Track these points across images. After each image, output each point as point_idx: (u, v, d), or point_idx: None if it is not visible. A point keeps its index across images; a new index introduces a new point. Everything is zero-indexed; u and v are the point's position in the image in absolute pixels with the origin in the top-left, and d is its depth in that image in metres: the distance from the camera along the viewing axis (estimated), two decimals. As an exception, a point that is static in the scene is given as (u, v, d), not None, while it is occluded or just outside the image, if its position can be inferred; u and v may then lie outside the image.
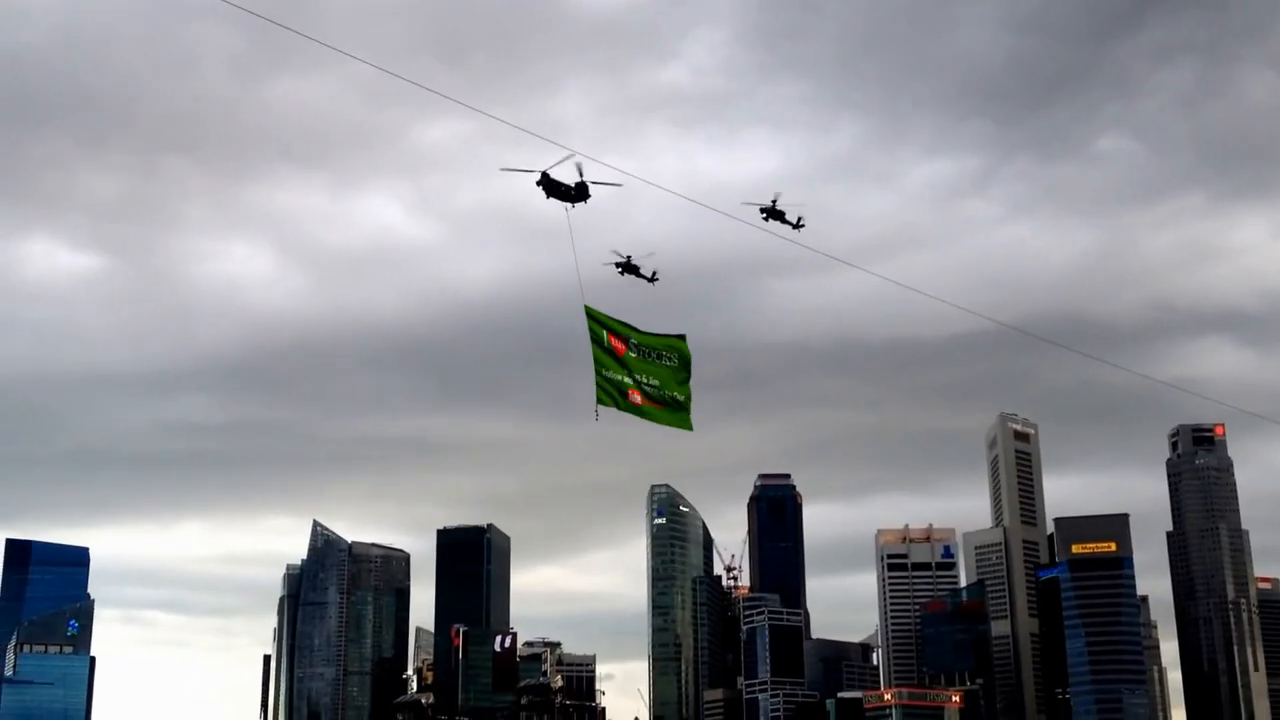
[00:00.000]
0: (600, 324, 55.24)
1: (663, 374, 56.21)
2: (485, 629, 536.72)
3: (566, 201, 70.80)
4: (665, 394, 56.30)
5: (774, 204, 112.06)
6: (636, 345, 55.80)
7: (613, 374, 55.04)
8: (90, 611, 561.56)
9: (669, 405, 56.35)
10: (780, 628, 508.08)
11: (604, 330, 55.22)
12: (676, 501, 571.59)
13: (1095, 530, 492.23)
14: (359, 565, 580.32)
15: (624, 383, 55.24)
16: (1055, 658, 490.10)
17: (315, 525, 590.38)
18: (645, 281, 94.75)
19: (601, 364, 54.85)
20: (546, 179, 70.39)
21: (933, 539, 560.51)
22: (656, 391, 55.96)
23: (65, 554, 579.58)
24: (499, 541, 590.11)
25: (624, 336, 55.51)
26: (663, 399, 56.21)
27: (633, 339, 55.72)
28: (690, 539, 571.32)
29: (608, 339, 55.21)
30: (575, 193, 71.14)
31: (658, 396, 56.01)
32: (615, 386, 55.07)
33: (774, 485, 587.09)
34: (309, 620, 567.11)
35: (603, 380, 54.83)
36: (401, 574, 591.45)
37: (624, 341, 55.46)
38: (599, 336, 55.04)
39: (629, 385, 55.33)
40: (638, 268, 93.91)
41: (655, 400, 55.94)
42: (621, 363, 55.25)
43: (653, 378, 55.90)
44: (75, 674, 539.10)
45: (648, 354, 56.02)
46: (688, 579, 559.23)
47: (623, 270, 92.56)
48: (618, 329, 55.49)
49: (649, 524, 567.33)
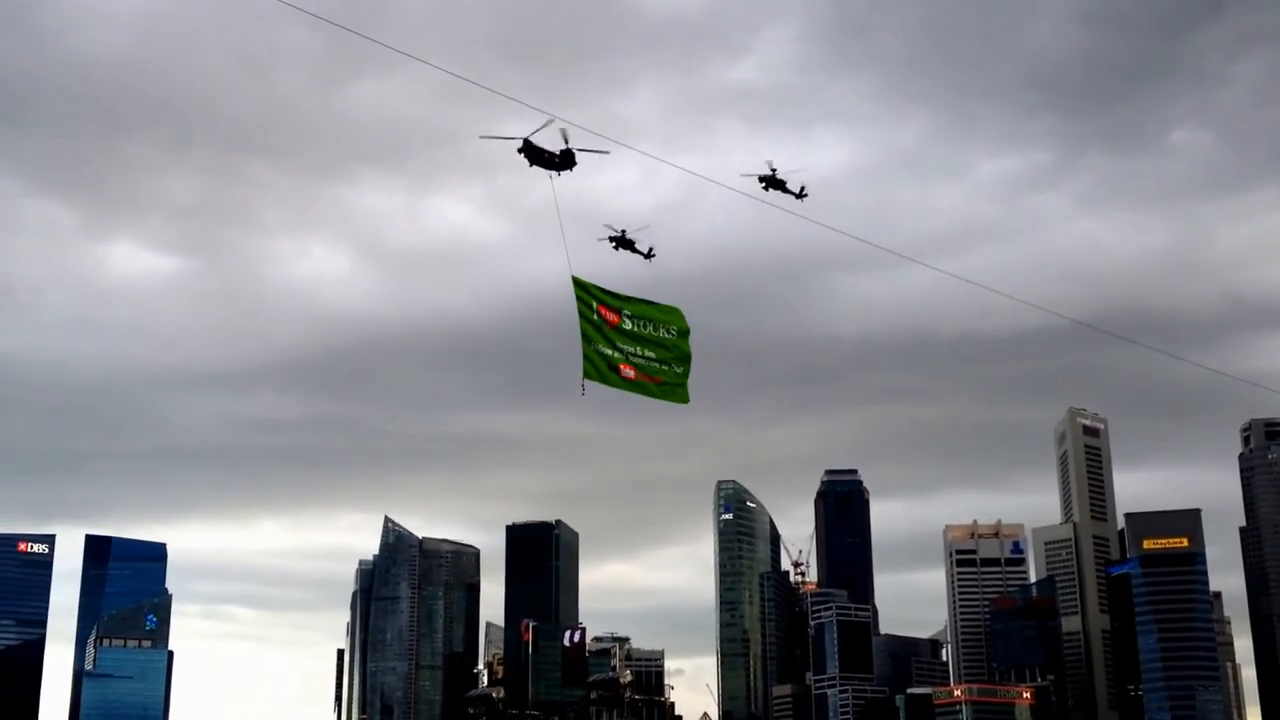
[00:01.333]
0: (589, 294, 52.40)
1: (658, 347, 53.23)
2: (554, 624, 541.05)
3: (551, 170, 67.55)
4: (661, 367, 53.30)
5: (774, 173, 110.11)
6: (630, 316, 52.88)
7: (603, 347, 52.14)
8: (168, 606, 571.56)
9: (666, 379, 53.37)
10: (848, 623, 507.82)
11: (593, 301, 52.36)
12: (743, 497, 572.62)
13: (1167, 526, 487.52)
14: (430, 561, 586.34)
15: (615, 356, 52.33)
16: (1127, 654, 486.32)
17: (387, 521, 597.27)
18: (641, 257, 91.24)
19: (590, 337, 52.03)
20: (529, 146, 67.24)
21: (1002, 535, 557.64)
22: (651, 365, 53.02)
23: (143, 549, 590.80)
24: (567, 537, 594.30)
25: (616, 308, 52.66)
26: (658, 372, 53.23)
27: (626, 310, 52.83)
28: (757, 534, 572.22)
29: (598, 310, 52.33)
30: (560, 160, 67.96)
31: (653, 370, 53.06)
32: (605, 360, 52.20)
33: (841, 481, 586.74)
34: (381, 615, 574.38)
35: (592, 354, 51.94)
36: (472, 569, 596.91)
37: (616, 313, 52.62)
38: (588, 307, 52.13)
39: (620, 359, 52.40)
40: (633, 242, 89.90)
41: (650, 374, 53.00)
42: (613, 335, 52.33)
43: (647, 350, 53.00)
44: (154, 668, 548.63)
45: (643, 325, 53.00)
46: (755, 574, 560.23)
47: (617, 245, 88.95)
48: (608, 301, 52.63)
49: (716, 520, 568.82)
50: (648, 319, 52.95)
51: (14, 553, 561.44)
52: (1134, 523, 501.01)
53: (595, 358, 51.87)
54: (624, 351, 52.27)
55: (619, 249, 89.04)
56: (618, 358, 52.14)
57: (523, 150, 67.33)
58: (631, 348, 52.41)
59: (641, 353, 52.61)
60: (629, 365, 52.38)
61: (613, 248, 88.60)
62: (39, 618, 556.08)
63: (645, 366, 52.69)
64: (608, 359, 52.02)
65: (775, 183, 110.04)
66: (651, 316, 53.10)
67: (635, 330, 52.59)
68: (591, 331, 51.81)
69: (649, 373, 52.79)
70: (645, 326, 52.84)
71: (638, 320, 52.74)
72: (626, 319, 52.50)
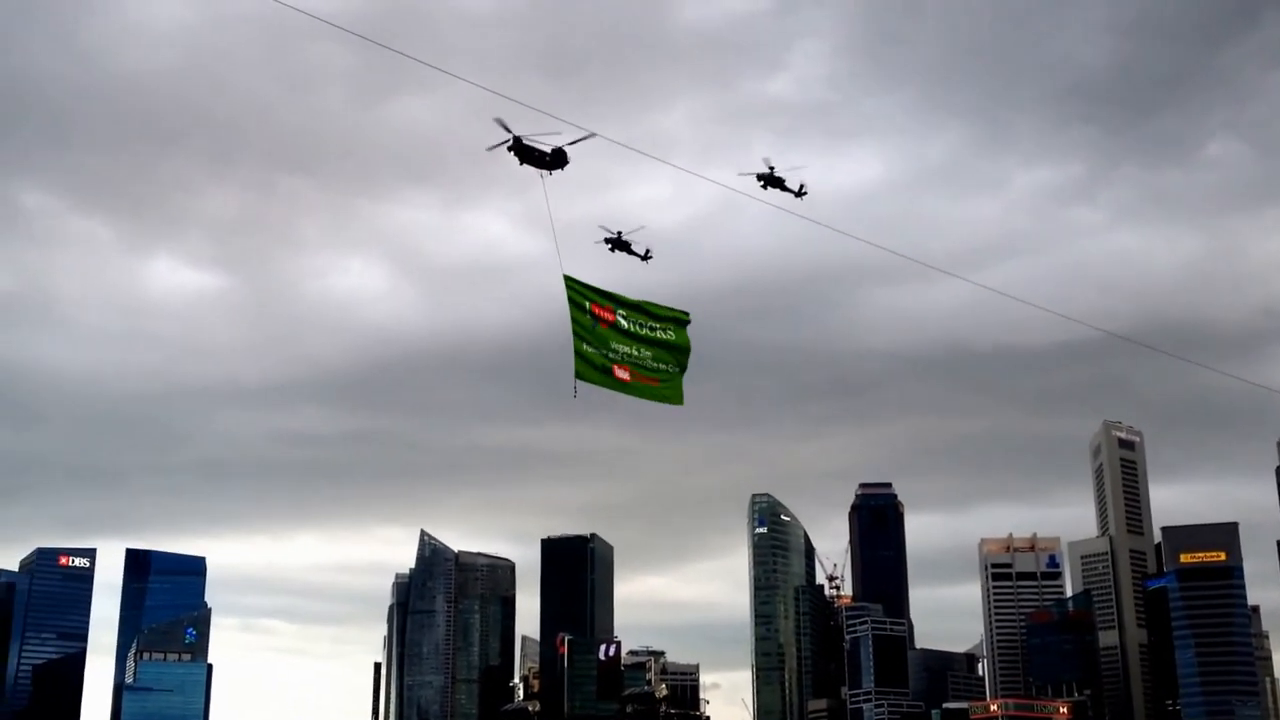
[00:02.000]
0: (582, 294, 49.93)
1: (655, 346, 51.01)
2: (590, 638, 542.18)
3: (542, 169, 65.96)
4: (659, 368, 51.07)
5: (772, 171, 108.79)
6: (626, 315, 50.67)
7: (596, 347, 49.75)
8: (207, 620, 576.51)
9: (663, 380, 51.21)
10: (884, 637, 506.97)
11: (586, 301, 49.92)
12: (778, 510, 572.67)
13: (1204, 539, 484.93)
14: (465, 574, 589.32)
15: (609, 357, 49.92)
16: (1165, 669, 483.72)
17: (422, 535, 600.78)
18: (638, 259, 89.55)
19: (583, 337, 49.54)
20: (519, 144, 66.07)
21: (1037, 548, 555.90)
22: (648, 366, 50.76)
23: (182, 563, 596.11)
24: (602, 551, 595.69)
25: (610, 307, 50.39)
26: (655, 373, 50.97)
27: (620, 310, 50.56)
28: (792, 548, 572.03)
29: (591, 309, 49.92)
30: (551, 159, 66.57)
31: (649, 371, 50.79)
32: (599, 361, 49.78)
33: (875, 494, 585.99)
34: (417, 628, 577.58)
35: (585, 353, 49.45)
36: (507, 583, 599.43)
37: (611, 312, 50.31)
38: (580, 307, 49.74)
39: (615, 360, 50.02)
40: (629, 244, 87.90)
41: (646, 375, 50.69)
42: (607, 335, 50.02)
43: (644, 349, 50.71)
44: (193, 681, 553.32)
45: (639, 324, 50.86)
46: (790, 588, 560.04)
47: (613, 247, 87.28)
48: (602, 300, 50.32)
49: (750, 533, 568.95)
50: (644, 318, 50.98)
51: (55, 566, 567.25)
52: (1171, 536, 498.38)
53: (589, 357, 49.50)
54: (619, 352, 50.14)
55: (615, 250, 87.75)
56: (613, 358, 49.89)
57: (513, 148, 66.11)
58: (627, 348, 50.32)
59: (638, 353, 50.50)
60: (624, 366, 50.12)
61: (608, 249, 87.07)
62: (80, 631, 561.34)
63: (641, 368, 50.54)
64: (601, 360, 49.70)
65: (773, 180, 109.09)
66: (648, 315, 51.15)
67: (631, 329, 50.57)
68: (584, 331, 49.54)
69: (645, 374, 50.66)
70: (642, 326, 50.84)
71: (633, 319, 50.74)
72: (621, 318, 50.46)
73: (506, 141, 66.32)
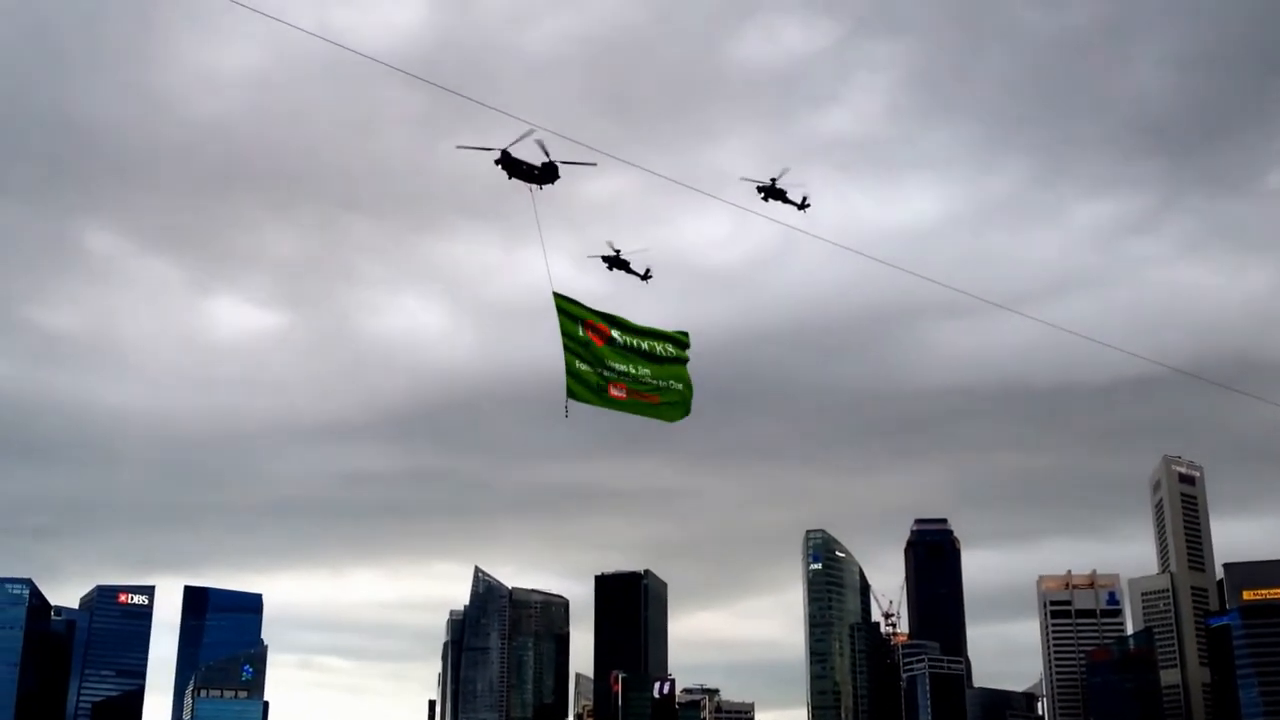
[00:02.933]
0: (574, 312, 48.31)
1: (652, 363, 48.99)
2: (644, 675, 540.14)
3: (532, 183, 64.23)
4: (658, 384, 48.94)
5: (773, 182, 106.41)
6: (621, 332, 48.77)
7: (590, 365, 47.94)
8: (264, 657, 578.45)
9: (664, 397, 49.16)
10: (941, 676, 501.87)
11: (579, 319, 48.20)
12: (832, 547, 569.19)
13: (1268, 576, 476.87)
14: (519, 611, 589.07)
15: (604, 375, 48.11)
16: (1228, 708, 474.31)
17: (477, 571, 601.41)
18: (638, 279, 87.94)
19: (576, 355, 47.81)
20: (507, 158, 64.41)
21: (1097, 585, 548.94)
22: (645, 383, 48.72)
23: (240, 600, 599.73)
24: (656, 587, 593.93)
25: (604, 325, 48.65)
26: (654, 390, 48.90)
27: (615, 329, 48.71)
28: (847, 585, 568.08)
29: (583, 329, 48.10)
30: (541, 173, 64.67)
31: (647, 388, 48.77)
32: (592, 380, 47.93)
33: (931, 530, 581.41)
34: (472, 666, 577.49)
35: (577, 373, 47.63)
36: (561, 620, 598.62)
37: (605, 329, 48.53)
38: (573, 325, 48.02)
39: (611, 378, 48.17)
40: (627, 263, 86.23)
41: (644, 392, 48.73)
42: (601, 353, 48.23)
43: (641, 367, 48.68)
44: (250, 718, 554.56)
45: (635, 340, 48.94)
46: (845, 625, 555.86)
47: (611, 265, 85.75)
48: (596, 317, 48.53)
49: (805, 570, 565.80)
50: (641, 337, 49.07)
51: (115, 604, 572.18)
52: (1233, 573, 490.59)
53: (582, 376, 47.69)
54: (615, 370, 48.27)
55: (613, 269, 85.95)
56: (608, 376, 48.07)
57: (500, 162, 64.75)
58: (623, 365, 48.43)
59: (635, 370, 48.55)
60: (620, 384, 48.27)
61: (606, 268, 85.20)
62: (138, 668, 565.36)
63: (638, 385, 48.55)
64: (596, 378, 47.89)
65: (775, 193, 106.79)
66: (646, 334, 49.28)
67: (627, 344, 48.66)
68: (577, 349, 47.78)
69: (643, 391, 48.70)
70: (640, 344, 48.92)
71: (629, 337, 48.76)
72: (617, 335, 48.51)
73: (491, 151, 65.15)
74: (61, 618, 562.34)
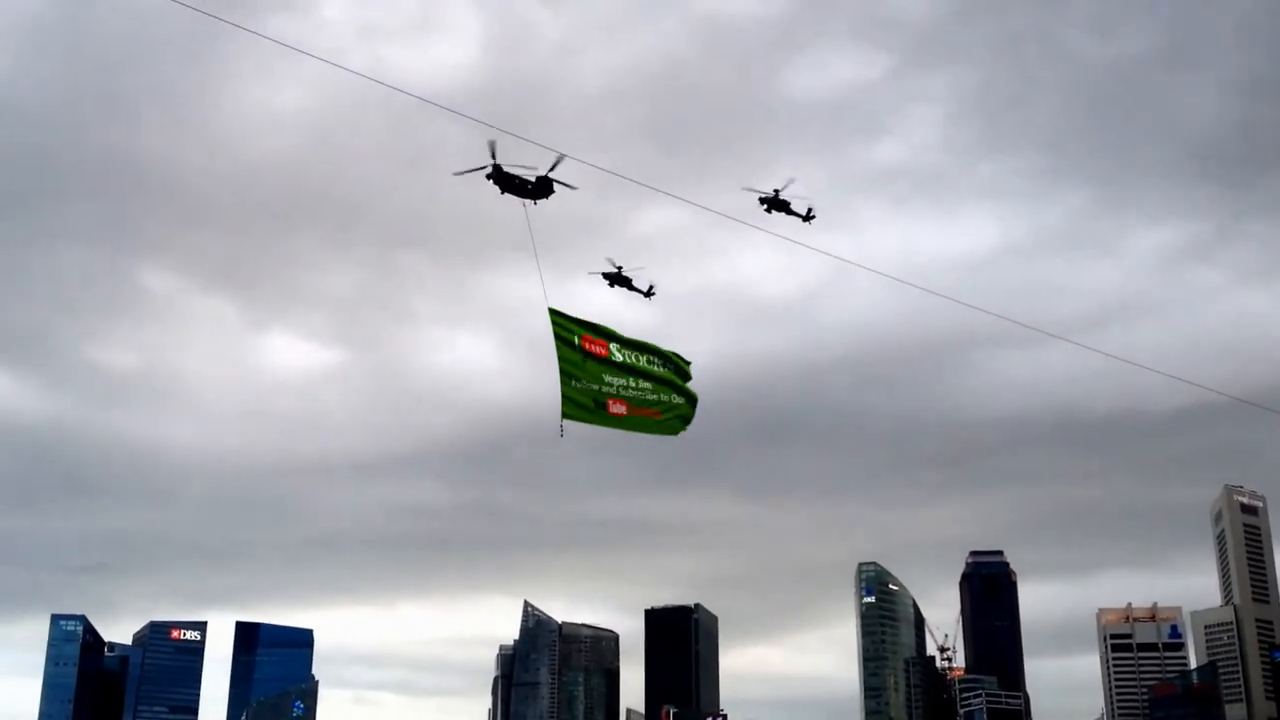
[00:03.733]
0: (570, 328, 47.20)
1: (652, 378, 47.86)
2: (695, 710, 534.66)
3: (525, 198, 62.64)
4: (660, 399, 47.85)
5: (777, 194, 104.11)
6: (620, 348, 47.69)
7: (587, 383, 46.71)
8: (314, 693, 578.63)
9: (665, 412, 48.02)
10: (999, 711, 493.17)
11: (576, 335, 47.07)
12: (885, 580, 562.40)
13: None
14: (569, 646, 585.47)
15: (602, 391, 46.89)
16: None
17: (526, 606, 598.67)
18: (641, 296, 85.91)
19: (571, 373, 46.64)
20: (498, 172, 63.15)
21: (1158, 618, 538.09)
22: (646, 398, 47.60)
23: (291, 636, 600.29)
24: (706, 621, 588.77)
25: (603, 340, 47.54)
26: (655, 405, 47.77)
27: (614, 344, 47.67)
28: (901, 618, 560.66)
29: (581, 342, 47.00)
30: (534, 188, 63.19)
31: (648, 403, 47.63)
32: (590, 397, 46.77)
33: (986, 562, 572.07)
34: (522, 701, 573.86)
35: (572, 392, 46.39)
36: (611, 655, 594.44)
37: (604, 345, 47.43)
38: (569, 341, 46.97)
39: (609, 394, 46.98)
40: (629, 280, 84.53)
41: (645, 407, 47.60)
42: (599, 369, 47.10)
43: (641, 381, 47.60)
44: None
45: (635, 356, 47.86)
46: (900, 659, 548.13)
47: (611, 282, 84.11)
48: (594, 334, 47.46)
49: (858, 603, 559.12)
50: (641, 352, 48.01)
51: (167, 640, 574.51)
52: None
53: (576, 396, 46.52)
54: (614, 385, 47.11)
55: (613, 285, 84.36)
56: (606, 392, 46.93)
57: (491, 177, 63.39)
58: (622, 380, 47.31)
59: (635, 384, 47.46)
60: (619, 400, 47.17)
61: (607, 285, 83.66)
62: (191, 704, 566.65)
63: (639, 400, 47.47)
64: (592, 395, 46.78)
65: (778, 204, 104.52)
66: (646, 350, 48.23)
67: (626, 361, 47.59)
68: (573, 368, 46.73)
69: (643, 406, 47.60)
70: (638, 358, 47.81)
71: (629, 352, 47.75)
72: (615, 350, 47.49)
73: (484, 169, 63.57)
74: (115, 654, 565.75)
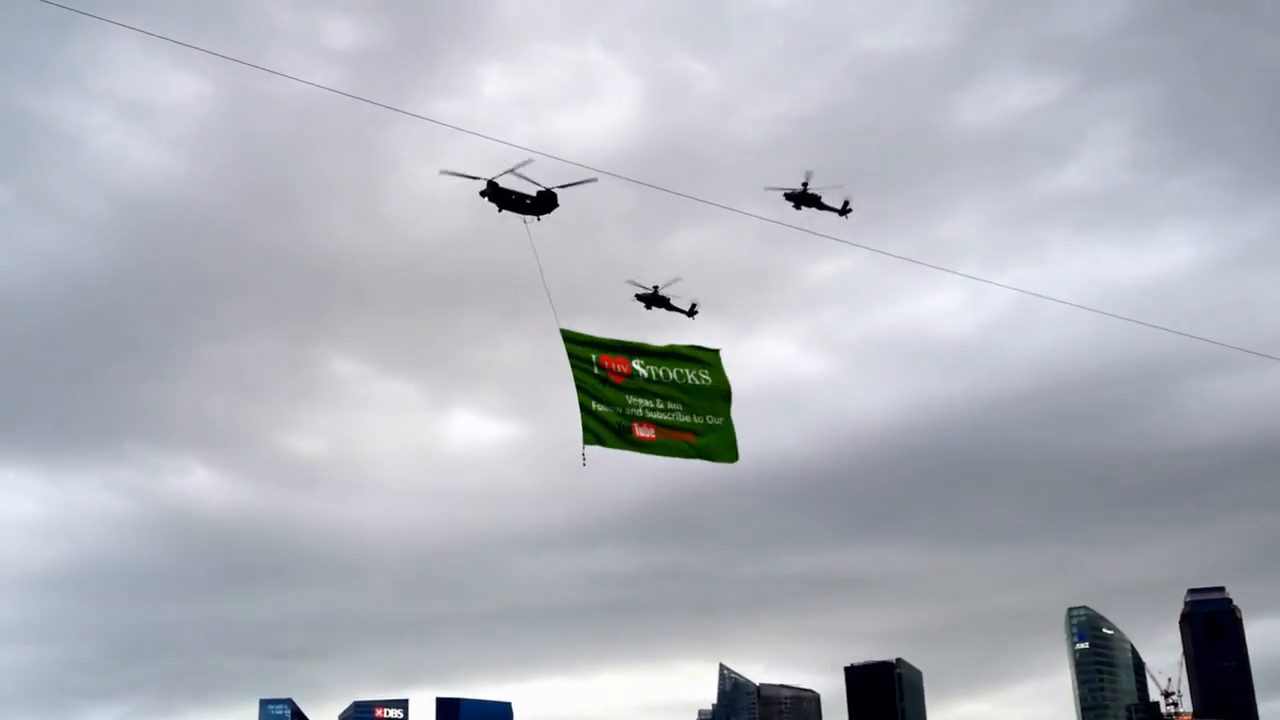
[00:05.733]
0: (586, 348, 43.09)
1: (684, 393, 43.02)
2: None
3: (526, 214, 59.94)
4: (693, 420, 42.97)
5: (804, 187, 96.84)
6: (645, 363, 42.94)
7: (609, 406, 42.24)
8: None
9: (699, 432, 43.00)
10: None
11: (594, 354, 42.89)
12: (1098, 624, 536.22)
13: None
14: (769, 707, 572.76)
15: (626, 414, 42.26)
16: None
17: (722, 668, 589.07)
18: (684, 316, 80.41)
19: (591, 397, 42.36)
20: (494, 189, 59.59)
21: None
22: (677, 419, 42.63)
23: (490, 709, 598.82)
24: (910, 676, 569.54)
25: (624, 356, 42.98)
26: (689, 427, 42.83)
27: (637, 359, 42.93)
28: (1118, 663, 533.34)
29: (599, 362, 42.68)
30: (535, 203, 60.22)
31: (680, 424, 42.64)
32: (613, 421, 42.19)
33: (1207, 600, 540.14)
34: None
35: (590, 419, 42.05)
36: (813, 714, 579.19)
37: (625, 361, 42.85)
38: (586, 362, 42.76)
39: (635, 416, 42.22)
40: (667, 300, 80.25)
41: (677, 429, 42.61)
42: (623, 389, 42.51)
43: (670, 401, 42.69)
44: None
45: (662, 370, 43.05)
46: (1121, 706, 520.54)
47: (648, 304, 79.44)
48: (613, 351, 42.97)
49: (1070, 649, 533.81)
50: (668, 363, 43.14)
51: (371, 718, 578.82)
52: None
53: (600, 418, 41.99)
54: (640, 407, 42.27)
55: (650, 307, 79.90)
56: (631, 414, 42.10)
57: (486, 194, 59.59)
58: (648, 401, 42.48)
59: (663, 405, 42.50)
60: (646, 424, 42.22)
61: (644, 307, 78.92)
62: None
63: (668, 422, 42.43)
64: (616, 419, 42.08)
65: (808, 199, 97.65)
66: (673, 358, 43.32)
67: (653, 377, 42.85)
68: (592, 391, 42.40)
69: (675, 428, 42.57)
70: (666, 373, 42.95)
71: (654, 366, 42.90)
72: (639, 366, 42.74)
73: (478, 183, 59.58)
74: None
